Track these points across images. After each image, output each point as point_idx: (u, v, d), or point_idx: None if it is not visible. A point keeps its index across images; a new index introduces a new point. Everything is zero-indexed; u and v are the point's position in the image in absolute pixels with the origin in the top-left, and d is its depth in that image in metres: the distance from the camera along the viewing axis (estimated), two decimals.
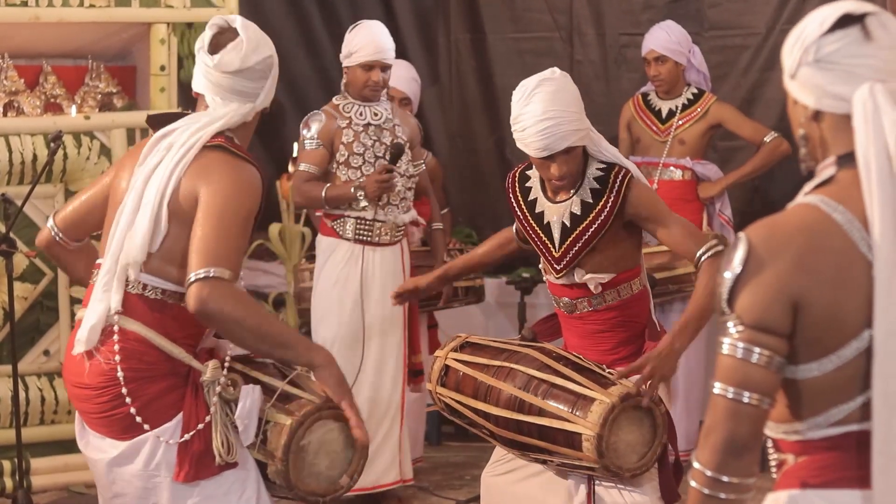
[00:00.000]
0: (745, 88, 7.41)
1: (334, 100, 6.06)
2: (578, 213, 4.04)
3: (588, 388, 3.87)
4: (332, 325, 5.98)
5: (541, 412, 3.93)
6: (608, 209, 4.01)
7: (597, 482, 4.04)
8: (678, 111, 6.79)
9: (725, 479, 2.28)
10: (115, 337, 3.43)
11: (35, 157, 5.90)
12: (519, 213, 4.20)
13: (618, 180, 4.01)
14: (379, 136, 5.99)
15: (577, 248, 4.06)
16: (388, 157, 5.90)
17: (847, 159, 2.33)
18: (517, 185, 4.22)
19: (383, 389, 5.98)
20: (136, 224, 3.44)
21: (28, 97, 6.27)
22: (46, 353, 6.09)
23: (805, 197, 2.37)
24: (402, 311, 6.03)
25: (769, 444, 2.41)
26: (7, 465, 5.86)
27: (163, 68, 6.22)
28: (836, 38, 2.34)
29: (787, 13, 7.28)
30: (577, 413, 3.85)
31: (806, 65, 2.36)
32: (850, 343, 2.27)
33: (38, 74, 6.36)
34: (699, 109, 6.77)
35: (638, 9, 7.64)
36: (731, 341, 2.29)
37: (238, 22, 3.60)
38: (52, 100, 6.33)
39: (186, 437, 3.39)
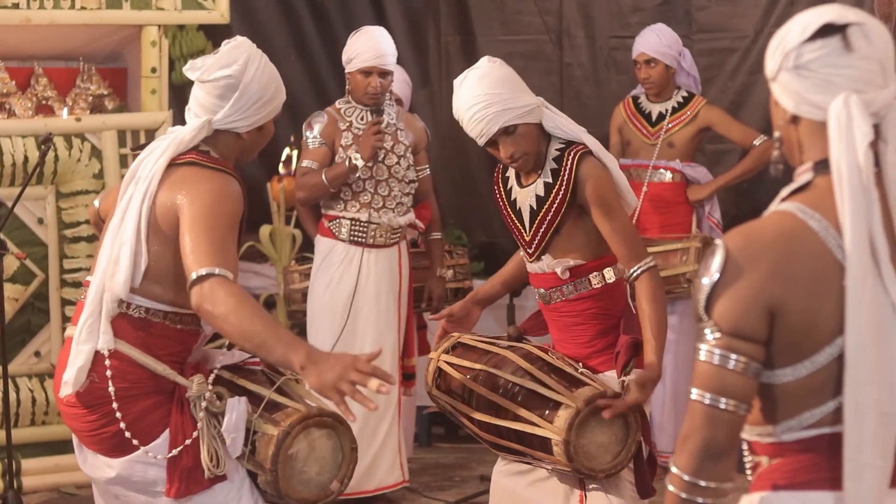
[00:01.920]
0: (733, 91, 7.44)
1: (337, 103, 6.08)
2: (542, 195, 4.05)
3: (556, 391, 3.86)
4: (326, 324, 6.00)
5: (515, 417, 3.93)
6: (564, 188, 4.00)
7: (587, 488, 4.05)
8: (668, 114, 6.80)
9: (703, 483, 2.30)
10: (107, 362, 3.44)
11: (26, 159, 5.92)
12: (500, 203, 4.22)
13: (570, 157, 3.99)
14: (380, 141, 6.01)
15: (543, 230, 4.06)
16: (372, 113, 5.94)
17: (823, 165, 2.35)
18: (500, 176, 4.25)
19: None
20: (119, 261, 3.44)
21: (19, 99, 6.29)
22: (37, 354, 6.10)
23: (782, 204, 2.38)
24: (396, 313, 6.04)
25: (744, 446, 2.43)
26: None
27: (154, 70, 6.23)
28: (817, 47, 2.35)
29: (776, 16, 7.30)
30: (547, 418, 3.85)
31: (786, 70, 2.38)
32: (824, 349, 2.29)
33: (30, 76, 6.38)
34: (689, 112, 6.79)
35: (627, 11, 7.66)
36: (708, 348, 2.31)
37: (234, 41, 3.63)
38: (44, 102, 6.34)
39: (174, 452, 3.40)
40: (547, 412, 3.85)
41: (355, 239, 5.98)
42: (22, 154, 5.93)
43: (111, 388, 3.42)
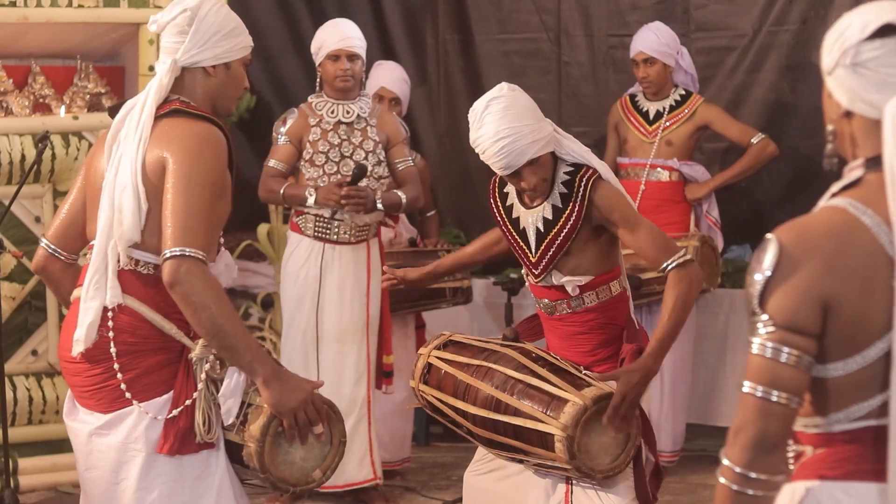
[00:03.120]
0: (731, 90, 7.42)
1: (310, 98, 6.12)
2: (550, 217, 4.06)
3: (562, 389, 3.88)
4: (293, 319, 6.01)
5: (516, 412, 3.94)
6: (576, 213, 4.02)
7: (574, 483, 4.05)
8: (666, 112, 6.80)
9: (754, 475, 2.31)
10: (109, 313, 3.45)
11: (23, 157, 5.92)
12: (499, 218, 4.23)
13: (583, 183, 4.02)
14: (349, 136, 6.03)
15: (551, 253, 4.07)
16: (351, 176, 5.89)
17: (875, 162, 2.37)
18: (497, 190, 4.25)
19: (344, 388, 5.97)
20: (123, 208, 3.44)
21: (17, 97, 6.28)
22: (34, 353, 6.10)
23: (832, 199, 2.40)
24: (364, 310, 6.03)
25: None
26: None
27: (151, 69, 6.22)
28: (876, 47, 2.37)
29: (774, 15, 7.29)
30: (550, 414, 3.86)
31: (843, 66, 2.39)
32: (875, 344, 2.31)
33: (27, 75, 6.37)
34: (686, 111, 6.79)
35: (625, 10, 7.65)
36: (762, 341, 2.32)
37: None
38: (41, 100, 6.33)
39: (175, 412, 3.41)
40: (551, 408, 3.86)
41: (319, 235, 6.00)
42: (19, 152, 5.92)
43: (112, 347, 3.44)
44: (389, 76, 6.77)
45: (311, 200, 5.89)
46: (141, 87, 6.23)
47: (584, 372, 4.00)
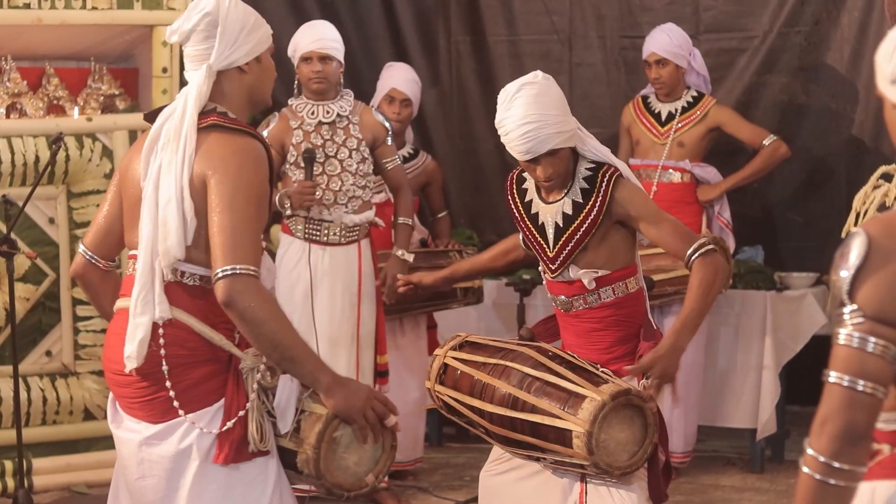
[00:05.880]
0: (741, 92, 7.41)
1: (290, 101, 6.11)
2: (570, 213, 4.09)
3: (580, 385, 3.90)
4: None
5: (533, 409, 3.96)
6: (597, 209, 4.05)
7: (589, 481, 4.06)
8: (678, 114, 6.81)
9: (837, 465, 2.30)
10: (161, 329, 3.42)
11: (37, 159, 5.94)
12: (516, 214, 4.25)
13: (605, 179, 4.05)
14: (332, 135, 6.02)
15: (569, 248, 4.10)
16: (305, 161, 5.88)
17: None
18: (515, 186, 4.27)
19: None
20: (167, 223, 3.41)
21: (31, 99, 6.30)
22: (48, 353, 6.12)
23: None
24: (354, 311, 6.03)
25: None
26: (8, 465, 5.89)
27: (165, 70, 6.25)
28: None
29: (785, 16, 7.28)
30: (569, 410, 3.88)
31: None
32: None
33: (41, 76, 6.38)
34: (699, 112, 6.79)
35: (637, 11, 7.66)
36: (848, 331, 2.31)
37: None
38: (55, 101, 6.35)
39: (229, 424, 3.39)
40: (569, 405, 3.89)
41: (309, 237, 6.00)
42: (33, 154, 5.95)
43: (163, 360, 3.41)
44: (400, 77, 6.77)
45: (288, 210, 5.91)
46: (155, 88, 6.26)
47: (601, 369, 4.02)
